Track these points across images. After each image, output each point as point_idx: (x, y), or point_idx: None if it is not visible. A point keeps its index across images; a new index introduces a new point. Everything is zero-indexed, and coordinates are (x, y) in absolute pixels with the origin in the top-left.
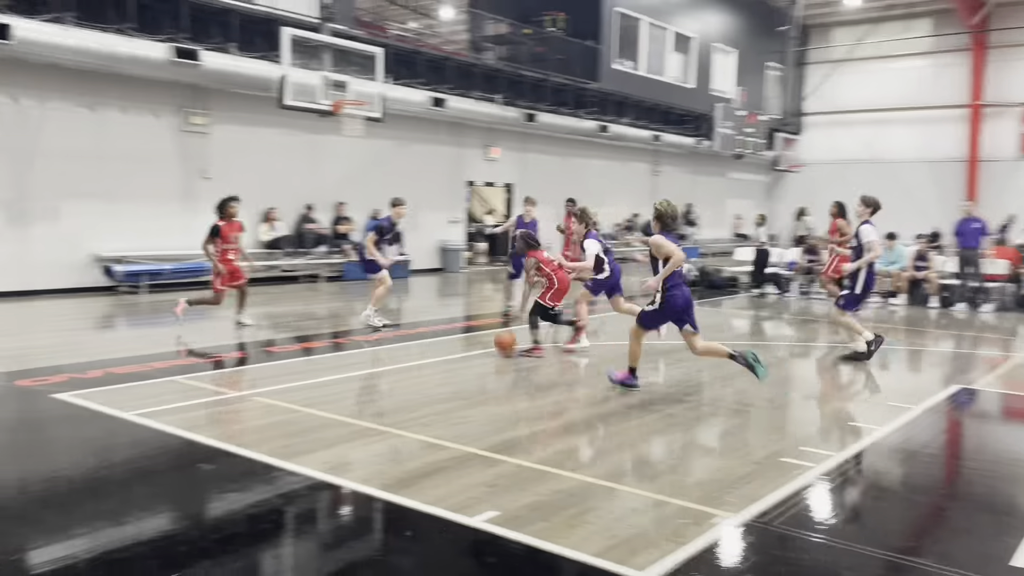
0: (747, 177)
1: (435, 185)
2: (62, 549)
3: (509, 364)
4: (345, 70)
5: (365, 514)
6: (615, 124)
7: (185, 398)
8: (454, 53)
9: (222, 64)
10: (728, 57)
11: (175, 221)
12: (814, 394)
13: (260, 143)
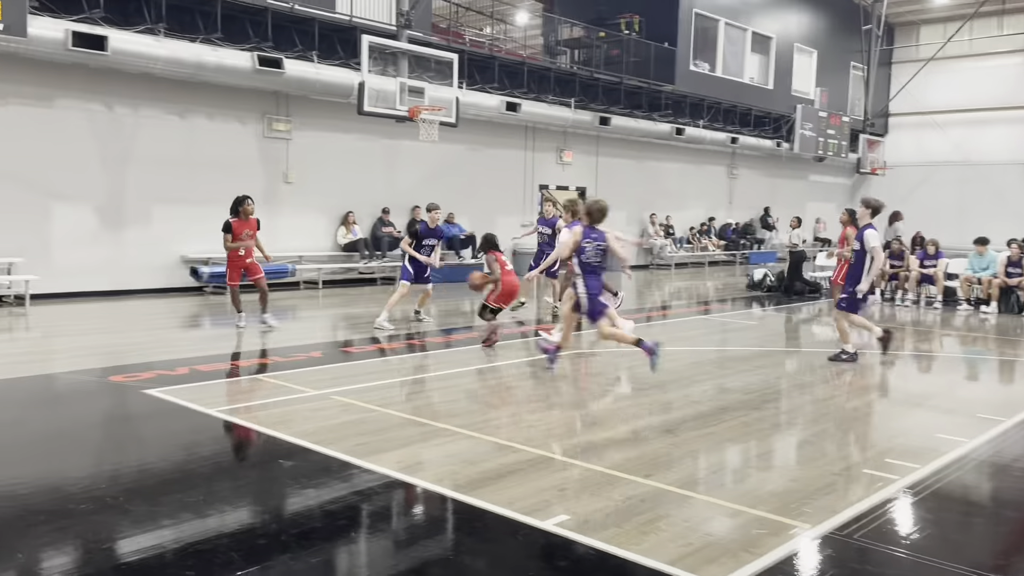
0: (828, 180)
1: (508, 189)
2: (151, 539)
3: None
4: (421, 76)
5: (437, 513)
6: (691, 127)
7: (266, 395)
8: (529, 57)
9: (303, 72)
10: (809, 57)
11: None
12: (900, 404)
13: (338, 148)
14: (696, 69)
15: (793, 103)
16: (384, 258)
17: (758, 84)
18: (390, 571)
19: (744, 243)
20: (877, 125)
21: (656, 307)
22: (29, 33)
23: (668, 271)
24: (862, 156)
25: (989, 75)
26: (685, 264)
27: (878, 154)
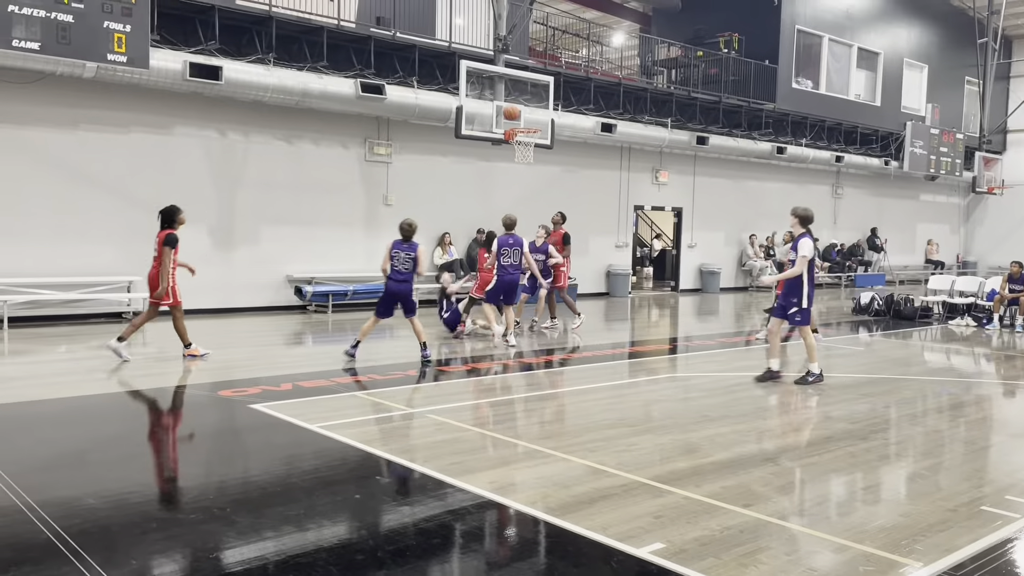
0: (941, 199)
1: (602, 209)
2: (254, 550)
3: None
4: (518, 99)
5: (530, 536)
6: (793, 145)
7: (364, 412)
8: (624, 78)
9: (403, 97)
10: (919, 72)
11: (359, 245)
12: (1020, 437)
13: (436, 171)
14: (798, 87)
15: (902, 120)
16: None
17: (865, 101)
18: None
19: (850, 265)
20: (994, 142)
21: (755, 330)
22: (150, 65)
23: (768, 293)
24: (978, 174)
25: None
26: None
27: (995, 172)
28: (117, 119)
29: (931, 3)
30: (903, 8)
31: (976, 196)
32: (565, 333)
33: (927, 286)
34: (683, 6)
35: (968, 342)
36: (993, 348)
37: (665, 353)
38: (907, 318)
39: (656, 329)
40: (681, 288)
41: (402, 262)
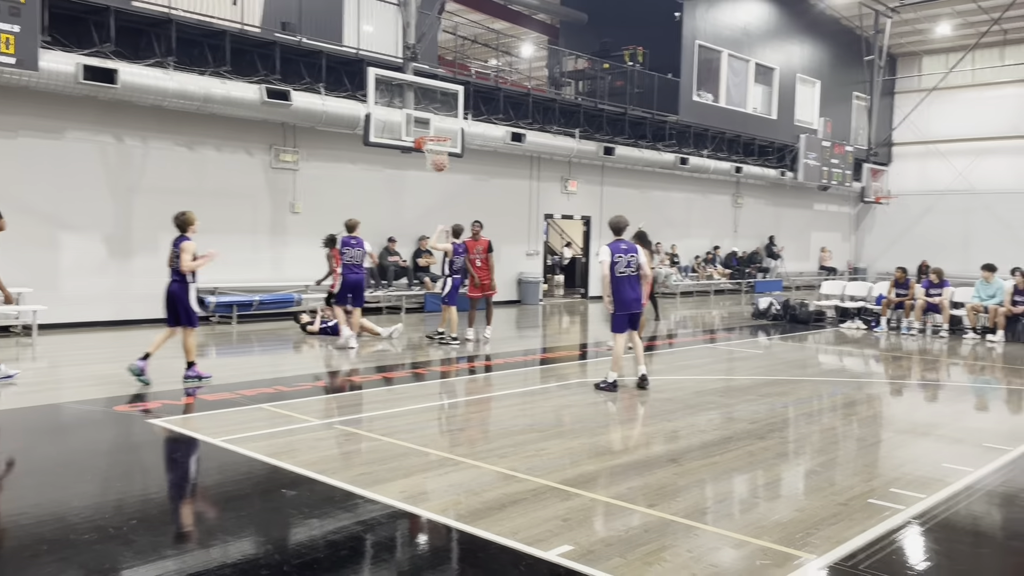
0: (833, 209)
1: (513, 218)
2: (153, 570)
3: (586, 398)
4: (427, 107)
5: (440, 544)
6: (695, 156)
7: (271, 425)
8: (534, 89)
9: (310, 103)
10: (812, 87)
11: (265, 254)
12: (906, 433)
13: (345, 178)
14: (700, 100)
15: (797, 133)
16: (390, 287)
17: (761, 114)
18: None
19: (749, 272)
20: (881, 154)
21: (662, 335)
22: (40, 67)
23: (674, 299)
24: (866, 185)
25: (992, 105)
26: (691, 292)
27: (882, 183)
28: (4, 123)
29: (823, 22)
30: (797, 26)
31: (865, 205)
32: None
33: (820, 291)
34: (589, 19)
35: (858, 344)
36: (881, 349)
37: (575, 359)
38: (802, 322)
39: (567, 336)
40: (591, 295)
41: None
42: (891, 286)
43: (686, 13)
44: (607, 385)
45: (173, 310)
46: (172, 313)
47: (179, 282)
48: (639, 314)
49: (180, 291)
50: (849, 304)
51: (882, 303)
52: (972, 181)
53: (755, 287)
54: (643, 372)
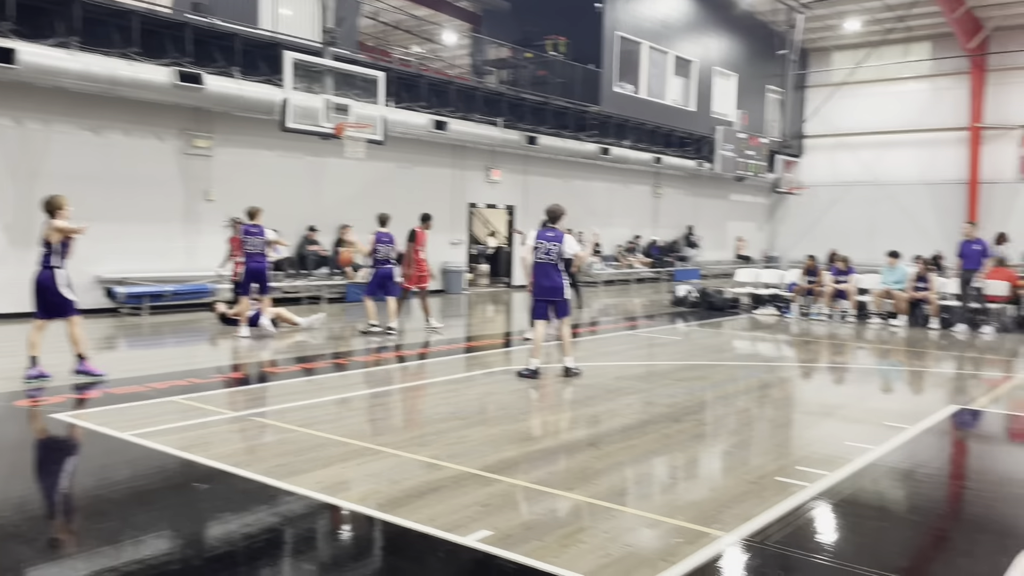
0: (748, 199)
1: (437, 207)
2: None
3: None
4: (347, 93)
5: (358, 533)
6: (616, 147)
7: (183, 418)
8: (456, 77)
9: (225, 88)
10: (728, 80)
11: (177, 243)
12: (813, 414)
13: (263, 165)
14: (620, 90)
15: (714, 124)
16: (310, 277)
17: (680, 106)
18: None
19: (669, 260)
20: (793, 146)
21: (584, 323)
22: None
23: (595, 288)
24: (779, 176)
25: (896, 99)
26: (612, 281)
27: (794, 174)
28: None
29: (739, 16)
30: (714, 20)
31: (778, 196)
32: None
33: (736, 279)
34: (512, 8)
35: (771, 329)
36: (792, 334)
37: (500, 347)
38: (718, 308)
39: (491, 325)
40: (515, 284)
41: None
42: (802, 274)
43: (607, 4)
44: (529, 373)
45: (43, 300)
46: (42, 304)
47: (48, 269)
48: (558, 302)
49: (47, 279)
50: (762, 291)
51: (793, 290)
52: (877, 173)
53: (674, 275)
54: (567, 364)
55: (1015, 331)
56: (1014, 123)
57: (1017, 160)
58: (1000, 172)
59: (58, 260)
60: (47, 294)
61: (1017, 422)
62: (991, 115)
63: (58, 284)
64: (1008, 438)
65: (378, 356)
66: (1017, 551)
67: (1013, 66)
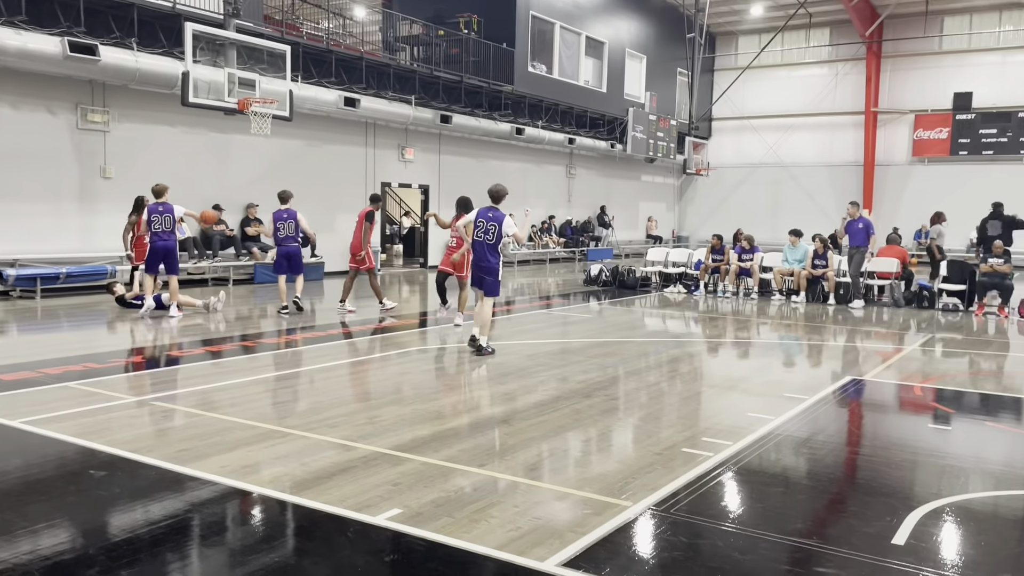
0: (659, 180)
1: (349, 186)
2: None
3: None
4: (253, 68)
5: (268, 516)
6: (531, 127)
7: (80, 404)
8: (368, 53)
9: (121, 60)
10: (639, 62)
11: (72, 222)
12: (717, 387)
13: (164, 141)
14: (534, 71)
15: (626, 106)
16: (216, 257)
17: (593, 87)
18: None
19: (583, 240)
20: (701, 128)
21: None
22: None
23: (511, 268)
24: (688, 158)
25: (798, 83)
26: (527, 261)
27: (703, 156)
28: None
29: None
30: (625, 2)
31: (687, 177)
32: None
33: (647, 258)
34: None
35: (679, 307)
36: (700, 312)
37: (414, 328)
38: (630, 287)
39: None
40: (430, 265)
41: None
42: (708, 252)
43: None
44: (488, 350)
45: None
46: None
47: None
48: (487, 280)
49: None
50: (672, 270)
51: (700, 268)
52: (781, 155)
53: (587, 255)
54: (481, 341)
55: (905, 306)
56: (907, 108)
57: (909, 143)
58: (893, 155)
59: None
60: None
61: (905, 391)
62: (886, 100)
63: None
64: (897, 407)
65: (288, 338)
66: (905, 512)
67: (906, 53)
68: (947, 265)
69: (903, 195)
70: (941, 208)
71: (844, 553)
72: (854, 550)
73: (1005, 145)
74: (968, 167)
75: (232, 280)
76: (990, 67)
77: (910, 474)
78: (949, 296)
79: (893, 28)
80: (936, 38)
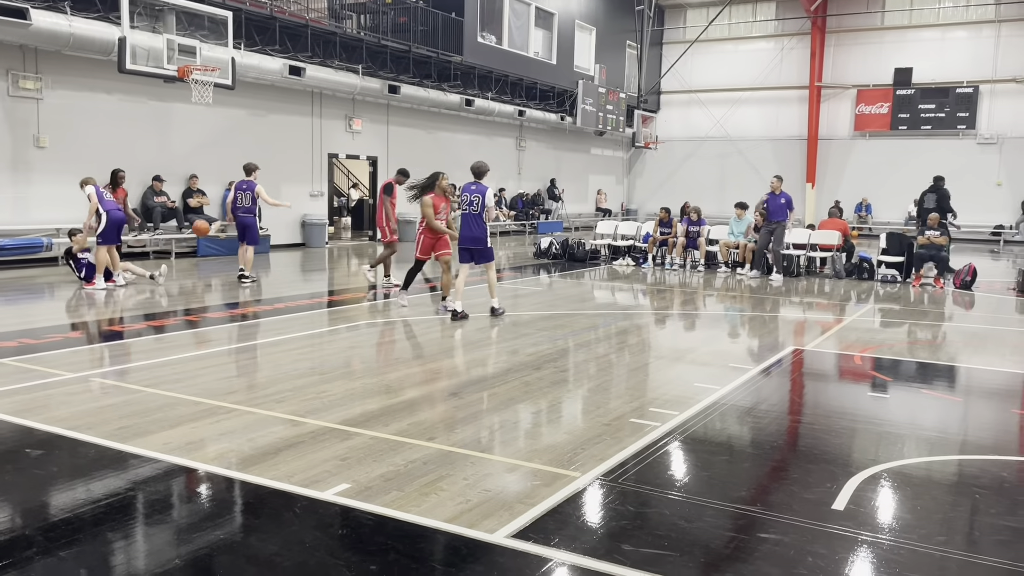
0: (608, 153)
1: (295, 156)
2: None
3: (372, 339)
4: (194, 34)
5: (213, 493)
6: (480, 98)
7: (13, 381)
8: (313, 21)
9: (54, 24)
10: (589, 34)
11: (5, 193)
12: (665, 358)
13: (101, 109)
14: (484, 41)
15: (575, 79)
16: (157, 230)
17: (543, 59)
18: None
19: (532, 213)
20: (650, 102)
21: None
22: None
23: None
24: (637, 131)
25: (745, 58)
26: None
27: (651, 129)
28: None
29: None
30: None
31: (636, 150)
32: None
33: (596, 231)
34: None
35: (628, 279)
36: (648, 284)
37: (363, 301)
38: (580, 260)
39: (355, 279)
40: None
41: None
42: (656, 225)
43: None
44: (457, 314)
45: None
46: None
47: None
48: (479, 249)
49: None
50: (620, 243)
51: (648, 241)
52: (728, 128)
53: (538, 228)
54: (493, 305)
55: (846, 278)
56: (849, 83)
57: (851, 118)
58: (836, 129)
59: None
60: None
61: (845, 361)
62: (829, 75)
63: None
64: (837, 376)
65: (233, 312)
66: (845, 478)
67: (849, 28)
68: (886, 237)
69: (845, 169)
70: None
71: (786, 519)
72: (796, 516)
73: (943, 120)
74: (907, 142)
75: (175, 253)
76: (930, 43)
77: (849, 441)
78: (888, 268)
79: (837, 3)
80: (878, 14)
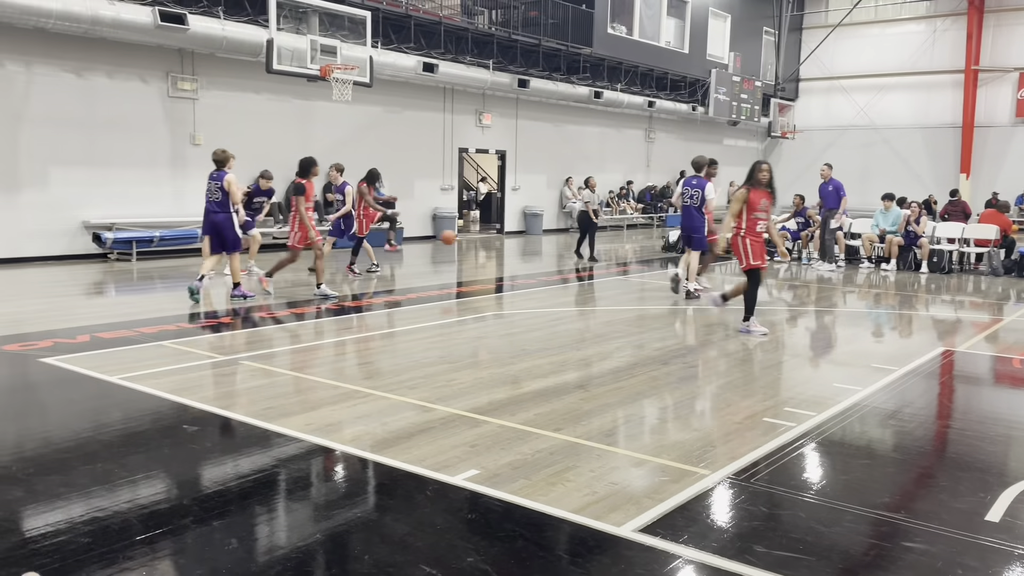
0: (741, 144)
1: (427, 152)
2: (59, 515)
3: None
4: (334, 34)
5: (347, 473)
6: (609, 90)
7: (172, 362)
8: (446, 18)
9: (209, 28)
10: (723, 22)
11: (165, 187)
12: (801, 357)
13: (249, 108)
14: (614, 32)
15: (708, 68)
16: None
17: (674, 48)
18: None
19: (661, 206)
20: (788, 90)
21: (577, 269)
22: None
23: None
24: (773, 120)
25: (892, 41)
26: (604, 227)
27: (788, 118)
28: None
29: None
30: None
31: (772, 140)
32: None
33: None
34: None
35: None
36: (783, 279)
37: (491, 293)
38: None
39: (482, 270)
40: (506, 230)
41: (212, 192)
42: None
43: None
44: (695, 293)
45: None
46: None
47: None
48: (694, 237)
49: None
50: None
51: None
52: (872, 116)
53: (666, 221)
54: (691, 285)
55: (1004, 275)
56: (1011, 65)
57: (1012, 103)
58: (995, 116)
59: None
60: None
61: (999, 363)
62: (988, 57)
63: (235, 225)
64: (993, 379)
65: (371, 301)
66: (1000, 488)
67: (1011, 7)
68: None
69: (1005, 158)
70: None
71: (934, 528)
72: (944, 525)
73: None
74: None
75: None
76: None
77: (1005, 449)
78: None
79: None
80: None
